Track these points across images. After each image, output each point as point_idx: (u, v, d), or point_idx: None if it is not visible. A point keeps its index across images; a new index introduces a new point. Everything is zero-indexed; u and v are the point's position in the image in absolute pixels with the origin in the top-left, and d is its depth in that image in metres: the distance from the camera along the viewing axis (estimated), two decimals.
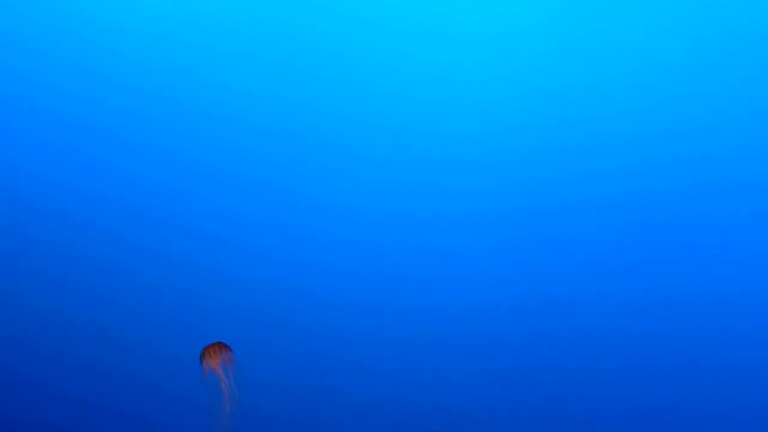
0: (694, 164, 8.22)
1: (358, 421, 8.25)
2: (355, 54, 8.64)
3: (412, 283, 8.63)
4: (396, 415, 8.31)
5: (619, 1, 8.30)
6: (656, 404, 8.07)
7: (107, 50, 8.79)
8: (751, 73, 8.04)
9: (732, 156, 8.14)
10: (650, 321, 8.24)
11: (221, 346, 6.49)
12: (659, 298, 8.27)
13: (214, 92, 8.77)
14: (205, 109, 8.76)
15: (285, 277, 8.66)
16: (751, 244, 8.06)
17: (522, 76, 8.52)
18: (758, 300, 7.98)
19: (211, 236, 8.70)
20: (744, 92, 8.10)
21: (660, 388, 8.15)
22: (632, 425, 8.13)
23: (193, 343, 6.99)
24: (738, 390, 7.95)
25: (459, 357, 8.45)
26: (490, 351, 8.42)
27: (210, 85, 8.80)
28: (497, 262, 8.54)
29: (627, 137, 8.35)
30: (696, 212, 8.28)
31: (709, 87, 8.14)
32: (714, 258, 8.23)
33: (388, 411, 8.32)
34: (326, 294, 8.61)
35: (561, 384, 8.27)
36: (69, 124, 8.76)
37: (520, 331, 8.37)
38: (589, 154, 8.44)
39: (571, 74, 8.49)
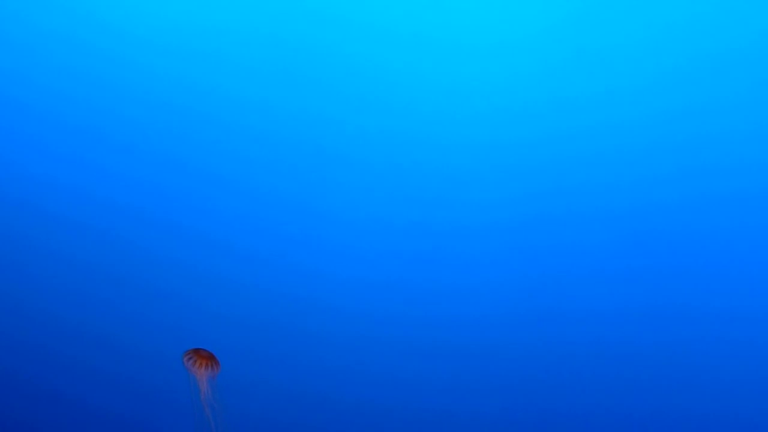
0: (704, 175, 8.19)
1: (362, 428, 8.22)
2: (362, 62, 8.64)
3: (414, 291, 8.59)
4: (397, 422, 8.31)
5: (627, 11, 8.29)
6: (661, 415, 8.05)
7: (108, 54, 8.76)
8: (756, 85, 8.04)
9: (743, 168, 8.12)
10: (659, 332, 8.21)
11: (210, 358, 6.47)
12: (669, 309, 8.23)
13: (213, 95, 8.74)
14: (204, 113, 8.74)
15: (286, 284, 8.61)
16: (759, 255, 8.05)
17: (528, 84, 8.48)
18: (762, 312, 7.97)
19: (211, 241, 8.65)
20: (751, 104, 8.10)
21: (672, 403, 8.11)
22: None
23: (186, 346, 6.94)
24: (742, 401, 7.92)
25: (460, 365, 8.42)
26: (491, 360, 8.38)
27: (209, 88, 8.76)
28: (500, 271, 8.50)
29: (635, 147, 8.31)
30: (706, 224, 8.23)
31: (719, 98, 8.12)
32: (725, 270, 8.18)
33: (388, 418, 8.32)
34: (328, 302, 8.58)
35: (567, 394, 8.25)
36: (66, 127, 8.73)
37: (522, 340, 8.35)
38: (596, 164, 8.38)
39: (578, 84, 8.44)
